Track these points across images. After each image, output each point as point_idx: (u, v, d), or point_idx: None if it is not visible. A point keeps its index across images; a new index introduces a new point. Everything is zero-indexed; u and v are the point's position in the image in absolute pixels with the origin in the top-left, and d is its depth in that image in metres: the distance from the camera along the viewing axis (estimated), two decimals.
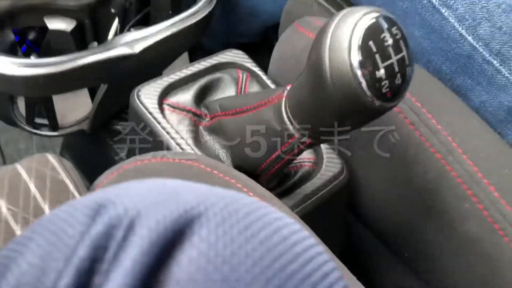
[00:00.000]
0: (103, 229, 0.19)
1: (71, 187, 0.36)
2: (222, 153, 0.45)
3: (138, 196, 0.20)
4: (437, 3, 0.45)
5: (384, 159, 0.45)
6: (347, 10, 0.31)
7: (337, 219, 0.52)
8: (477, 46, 0.45)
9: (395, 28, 0.31)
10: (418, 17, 0.48)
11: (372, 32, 0.30)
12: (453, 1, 0.45)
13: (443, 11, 0.46)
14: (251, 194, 0.33)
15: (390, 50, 0.31)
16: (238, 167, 0.43)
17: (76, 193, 0.36)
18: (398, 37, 0.31)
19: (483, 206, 0.41)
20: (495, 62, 0.44)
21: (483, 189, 0.41)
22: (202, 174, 0.34)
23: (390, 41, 0.31)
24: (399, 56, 0.31)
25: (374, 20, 0.30)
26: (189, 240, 0.18)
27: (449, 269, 0.45)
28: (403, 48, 0.31)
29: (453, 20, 0.45)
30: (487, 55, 0.44)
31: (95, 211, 0.20)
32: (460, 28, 0.45)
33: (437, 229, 0.44)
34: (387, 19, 0.31)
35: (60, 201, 0.36)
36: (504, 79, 0.44)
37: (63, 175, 0.37)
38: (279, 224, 0.20)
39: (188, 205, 0.19)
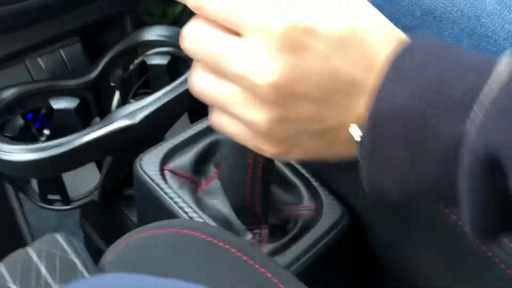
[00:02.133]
0: None
1: (79, 265, 0.38)
2: (225, 211, 0.47)
3: None
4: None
5: (381, 202, 0.46)
6: None
7: (344, 263, 0.52)
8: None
9: None
10: None
11: None
12: (422, 32, 0.46)
13: None
14: (251, 262, 0.34)
15: None
16: (235, 208, 0.44)
17: (84, 271, 0.38)
18: None
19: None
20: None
21: None
22: (202, 244, 0.35)
23: None
24: None
25: None
26: None
27: None
28: None
29: None
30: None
31: None
32: None
33: (439, 264, 0.44)
34: None
35: (70, 279, 0.38)
36: None
37: (72, 255, 0.39)
38: None
39: None
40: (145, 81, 0.67)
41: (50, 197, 0.58)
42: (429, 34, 0.45)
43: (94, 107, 0.59)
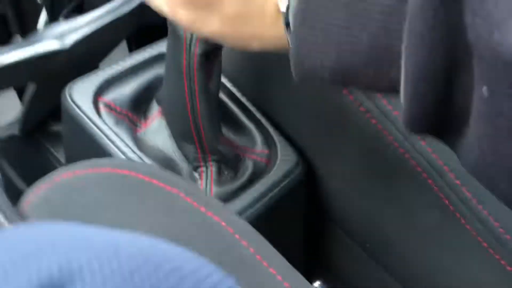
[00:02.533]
0: None
1: None
2: (167, 147, 0.43)
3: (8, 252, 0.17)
4: None
5: (341, 150, 0.43)
6: None
7: (297, 212, 0.50)
8: None
9: None
10: None
11: None
12: None
13: None
14: (195, 204, 0.29)
15: None
16: (179, 142, 0.41)
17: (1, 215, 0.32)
18: None
19: (444, 195, 0.39)
20: None
21: (443, 176, 0.39)
22: (141, 185, 0.30)
23: None
24: None
25: None
26: None
27: (411, 259, 0.44)
28: None
29: None
30: None
31: None
32: None
33: (398, 219, 0.43)
34: None
35: None
36: None
37: None
38: (174, 280, 0.17)
39: (46, 273, 0.16)
40: (78, 4, 0.59)
41: None
42: None
43: (13, 26, 0.51)
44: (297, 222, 0.50)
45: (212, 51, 0.37)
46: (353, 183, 0.44)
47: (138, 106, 0.44)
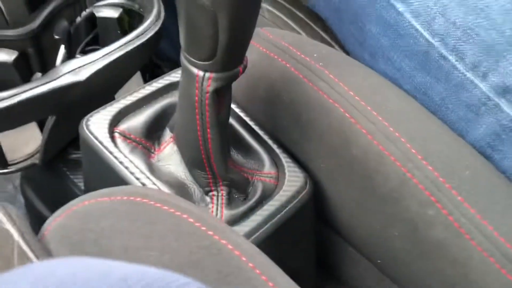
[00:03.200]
0: None
1: (15, 235, 0.34)
2: (180, 173, 0.44)
3: None
4: None
5: (346, 170, 0.45)
6: None
7: (306, 230, 0.51)
8: (433, 41, 0.44)
9: None
10: (374, 13, 0.47)
11: None
12: None
13: (398, 6, 0.45)
14: (204, 228, 0.31)
15: None
16: (191, 169, 0.43)
17: (21, 242, 0.35)
18: None
19: (447, 211, 0.40)
20: (451, 58, 0.44)
21: (445, 194, 0.40)
22: (152, 211, 0.32)
23: None
24: None
25: None
26: None
27: (419, 274, 0.45)
28: None
29: (408, 15, 0.45)
30: (443, 50, 0.44)
31: None
32: (415, 24, 0.44)
33: (403, 236, 0.43)
34: None
35: (3, 250, 0.34)
36: (460, 75, 0.44)
37: (7, 224, 0.35)
38: None
39: None
40: (95, 37, 0.62)
41: None
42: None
43: (35, 62, 0.54)
44: (307, 240, 0.51)
45: (223, 87, 0.38)
46: (358, 201, 0.45)
47: (152, 133, 0.46)
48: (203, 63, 0.36)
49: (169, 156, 0.45)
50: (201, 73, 0.37)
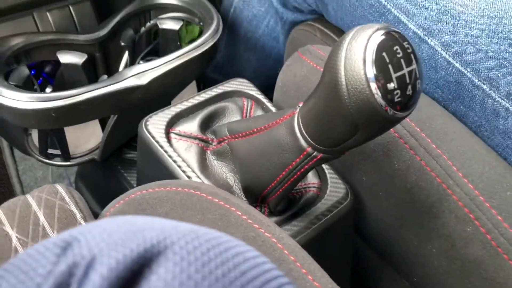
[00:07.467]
0: (66, 267, 0.20)
1: (78, 216, 0.38)
2: (230, 177, 0.46)
3: (103, 234, 0.21)
4: (422, 34, 0.46)
5: (387, 184, 0.46)
6: (359, 26, 0.32)
7: (344, 242, 0.52)
8: (466, 72, 0.45)
9: (406, 42, 0.32)
10: None
11: (385, 45, 0.31)
12: (437, 31, 0.46)
13: (429, 40, 0.46)
14: (250, 221, 0.33)
15: (402, 61, 0.32)
16: (246, 188, 0.43)
17: (83, 222, 0.38)
18: (409, 50, 0.32)
19: (485, 230, 0.41)
20: (484, 86, 0.44)
21: (485, 212, 0.41)
22: (203, 202, 0.35)
23: (401, 53, 0.32)
24: (410, 68, 0.32)
25: (386, 35, 0.32)
26: (147, 279, 0.19)
27: None
28: (414, 61, 0.32)
29: (439, 49, 0.46)
30: (476, 80, 0.45)
31: (62, 249, 0.21)
32: (447, 56, 0.46)
33: (440, 252, 0.44)
34: (398, 34, 0.32)
35: (68, 229, 0.37)
36: (495, 103, 0.44)
37: (71, 205, 0.38)
38: (238, 260, 0.21)
39: (149, 243, 0.21)
40: (154, 47, 0.66)
41: (50, 151, 0.57)
42: (444, 33, 0.45)
43: (101, 65, 0.58)
44: (344, 252, 0.52)
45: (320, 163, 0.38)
46: (397, 215, 0.46)
47: (207, 129, 0.48)
48: (320, 147, 0.36)
49: (224, 153, 0.47)
50: (310, 150, 0.37)
